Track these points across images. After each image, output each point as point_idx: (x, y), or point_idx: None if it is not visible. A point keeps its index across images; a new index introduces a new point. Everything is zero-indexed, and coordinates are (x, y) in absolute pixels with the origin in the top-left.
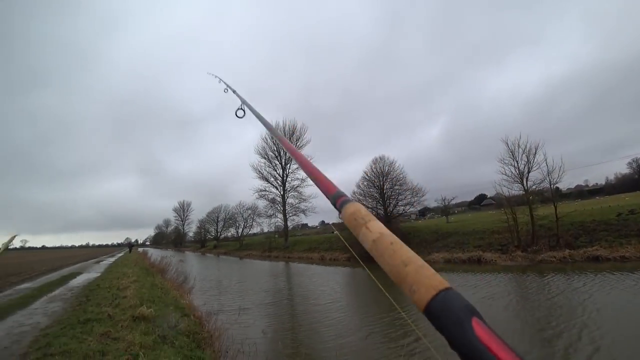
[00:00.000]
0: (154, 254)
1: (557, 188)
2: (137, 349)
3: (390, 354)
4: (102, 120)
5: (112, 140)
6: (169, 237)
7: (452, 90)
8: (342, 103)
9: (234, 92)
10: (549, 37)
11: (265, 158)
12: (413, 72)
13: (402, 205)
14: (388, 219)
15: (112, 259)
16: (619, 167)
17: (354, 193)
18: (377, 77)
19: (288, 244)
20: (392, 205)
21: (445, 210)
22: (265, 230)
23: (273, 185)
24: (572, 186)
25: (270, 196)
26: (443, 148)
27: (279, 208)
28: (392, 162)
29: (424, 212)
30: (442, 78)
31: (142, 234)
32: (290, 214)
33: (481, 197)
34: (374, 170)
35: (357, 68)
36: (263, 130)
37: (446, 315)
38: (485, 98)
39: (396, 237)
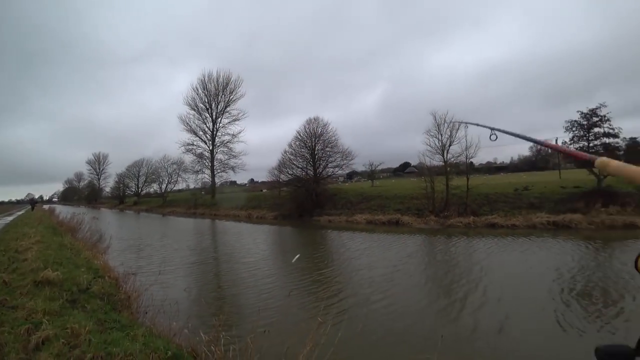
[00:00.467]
0: (64, 211)
1: (472, 162)
2: (40, 316)
3: (311, 308)
4: (4, 49)
5: (17, 77)
6: (82, 193)
7: (395, 60)
8: (284, 59)
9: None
10: (491, 22)
11: (195, 110)
12: (360, 37)
13: (331, 167)
14: (317, 180)
15: (10, 218)
16: (522, 150)
17: (285, 152)
18: (324, 36)
19: (215, 201)
20: (322, 166)
21: (371, 174)
22: (192, 186)
23: (202, 139)
24: (484, 162)
25: (198, 151)
26: (378, 115)
27: (206, 164)
28: (326, 124)
29: (351, 175)
30: (387, 47)
31: (49, 190)
32: (219, 171)
33: (405, 165)
34: (307, 130)
35: (305, 23)
36: (194, 77)
37: None
38: (424, 72)
39: (622, 163)
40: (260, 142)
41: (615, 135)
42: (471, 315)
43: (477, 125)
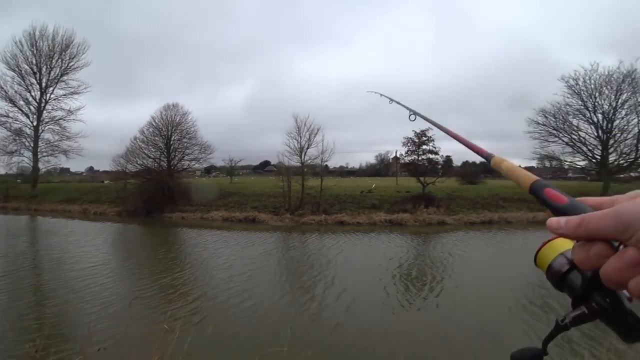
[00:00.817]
0: None
1: (326, 165)
2: None
3: (159, 316)
4: None
5: None
6: None
7: (266, 59)
8: (148, 33)
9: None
10: (356, 44)
11: (15, 71)
12: (237, 29)
13: (188, 160)
14: (171, 173)
15: None
16: (369, 157)
17: (135, 139)
18: (198, 17)
19: (36, 192)
20: (177, 158)
21: (230, 170)
22: (2, 172)
23: (22, 110)
24: (337, 166)
25: (16, 125)
26: (243, 111)
27: (27, 143)
28: (186, 113)
29: (210, 169)
30: (263, 44)
31: None
32: (46, 154)
33: (265, 163)
34: (164, 117)
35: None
36: (20, 28)
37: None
38: (292, 76)
39: (514, 165)
40: (105, 124)
41: (436, 153)
42: (320, 305)
43: (398, 103)
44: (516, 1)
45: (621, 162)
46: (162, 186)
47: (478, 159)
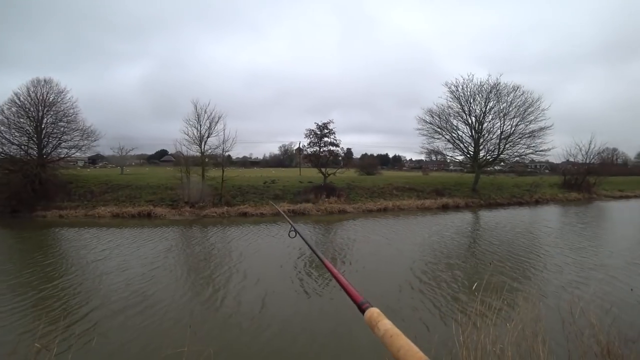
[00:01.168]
0: None
1: (229, 155)
2: None
3: (30, 334)
4: None
5: None
6: None
7: (171, 38)
8: None
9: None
10: (267, 33)
11: None
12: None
13: (66, 148)
14: (43, 163)
15: None
16: (273, 148)
17: None
18: None
19: None
20: (51, 145)
21: (121, 160)
22: None
23: None
24: (240, 156)
25: None
26: (138, 95)
27: None
28: (62, 92)
29: (95, 159)
30: (164, 21)
31: None
32: None
33: (162, 153)
34: (33, 95)
35: None
36: None
37: None
38: (198, 59)
39: (396, 330)
40: None
41: (337, 145)
42: (224, 300)
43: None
44: (416, 13)
45: (488, 157)
46: (31, 179)
47: (376, 151)
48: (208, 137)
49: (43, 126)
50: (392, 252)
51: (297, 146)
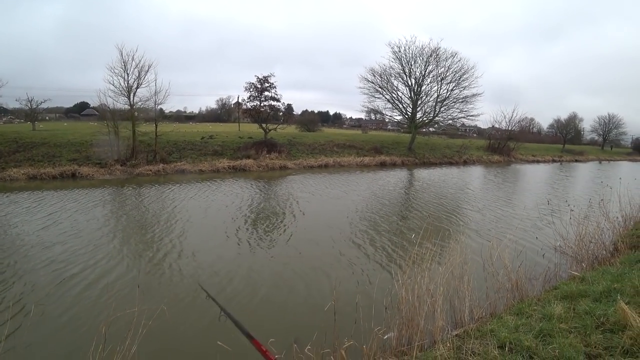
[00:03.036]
0: None
1: (161, 109)
2: None
3: None
4: None
5: None
6: None
7: None
8: None
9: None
10: None
11: None
12: None
13: None
14: None
15: None
16: (210, 102)
17: None
18: None
19: None
20: None
21: (31, 114)
22: None
23: None
24: (174, 110)
25: None
26: (54, 37)
27: None
28: None
29: None
30: None
31: None
32: None
33: (83, 106)
34: None
35: None
36: None
37: None
38: (130, 6)
39: None
40: None
41: (278, 100)
42: (171, 257)
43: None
44: None
45: (424, 119)
46: None
47: (316, 108)
48: (137, 88)
49: None
50: (334, 206)
51: (235, 100)
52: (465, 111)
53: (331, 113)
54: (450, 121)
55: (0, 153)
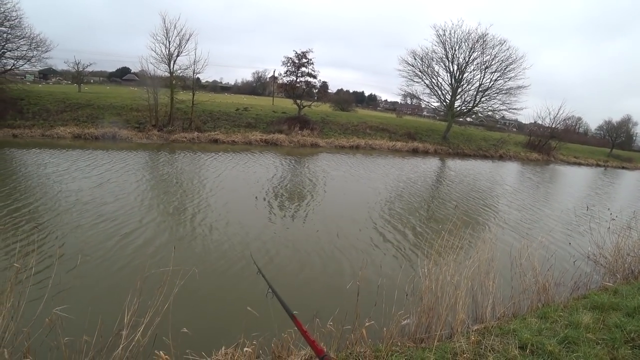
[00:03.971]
0: None
1: (199, 78)
2: None
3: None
4: None
5: None
6: None
7: None
8: None
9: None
10: None
11: None
12: None
13: (11, 59)
14: None
15: None
16: (246, 75)
17: None
18: None
19: None
20: None
21: (78, 77)
22: None
23: None
24: (210, 80)
25: None
26: (103, 1)
27: None
28: None
29: (47, 74)
30: None
31: None
32: None
33: (124, 71)
34: None
35: None
36: None
37: None
38: None
39: None
40: None
41: (315, 77)
42: (204, 223)
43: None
44: None
45: (463, 108)
46: None
47: (352, 88)
48: (177, 56)
49: None
50: (363, 189)
51: (271, 74)
52: (508, 103)
53: (366, 94)
54: (490, 112)
55: (49, 112)
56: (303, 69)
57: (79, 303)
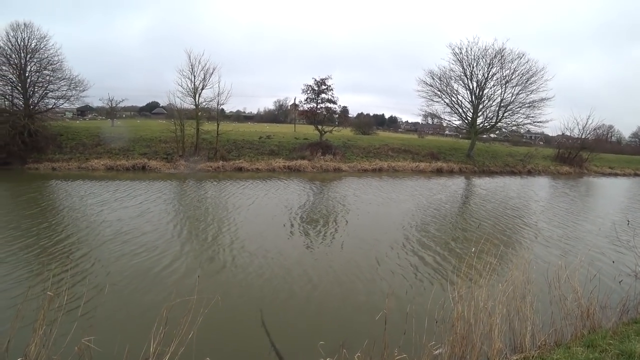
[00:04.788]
0: None
1: (223, 109)
2: None
3: (37, 282)
4: None
5: None
6: None
7: None
8: None
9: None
10: None
11: None
12: None
13: (53, 98)
14: (30, 114)
15: None
16: (267, 103)
17: None
18: None
19: None
20: (37, 95)
21: (111, 112)
22: None
23: None
24: (234, 110)
25: None
26: (138, 44)
27: None
28: (45, 37)
29: (84, 111)
30: None
31: None
32: None
33: (153, 105)
34: (13, 40)
35: None
36: None
37: None
38: (205, 12)
39: None
40: None
41: (334, 102)
42: (227, 250)
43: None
44: None
45: (485, 124)
46: (20, 131)
47: (372, 111)
48: (202, 89)
49: (27, 74)
50: (388, 212)
51: (292, 102)
52: (532, 117)
53: (386, 116)
54: (514, 127)
55: (85, 146)
56: (323, 95)
57: (107, 331)
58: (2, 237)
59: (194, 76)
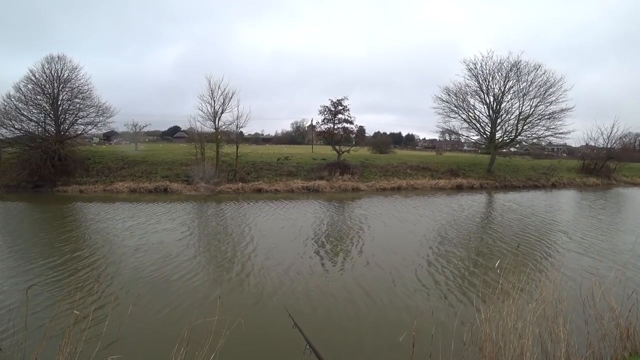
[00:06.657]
0: None
1: (242, 132)
2: None
3: (65, 303)
4: None
5: None
6: None
7: (206, 23)
8: None
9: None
10: (301, 16)
11: None
12: None
13: (82, 124)
14: (61, 139)
15: None
16: (285, 125)
17: (9, 97)
18: None
19: None
20: (68, 122)
21: (135, 137)
22: None
23: None
24: (252, 132)
25: None
26: (167, 71)
27: None
28: (76, 68)
29: (109, 136)
30: (202, 6)
31: None
32: None
33: (175, 129)
34: (47, 72)
35: None
36: None
37: None
38: (231, 42)
39: None
40: None
41: (351, 122)
42: (249, 272)
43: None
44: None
45: (505, 138)
46: (51, 155)
47: (389, 129)
48: (222, 113)
49: (59, 103)
50: (409, 230)
51: (309, 123)
52: (553, 128)
53: (403, 134)
54: (534, 140)
55: (110, 169)
56: (339, 115)
57: (130, 352)
58: (44, 256)
59: (214, 100)
